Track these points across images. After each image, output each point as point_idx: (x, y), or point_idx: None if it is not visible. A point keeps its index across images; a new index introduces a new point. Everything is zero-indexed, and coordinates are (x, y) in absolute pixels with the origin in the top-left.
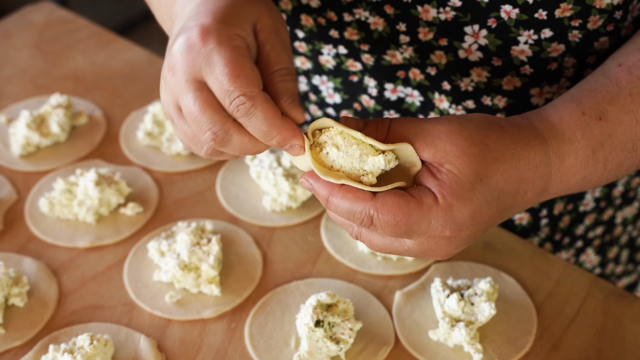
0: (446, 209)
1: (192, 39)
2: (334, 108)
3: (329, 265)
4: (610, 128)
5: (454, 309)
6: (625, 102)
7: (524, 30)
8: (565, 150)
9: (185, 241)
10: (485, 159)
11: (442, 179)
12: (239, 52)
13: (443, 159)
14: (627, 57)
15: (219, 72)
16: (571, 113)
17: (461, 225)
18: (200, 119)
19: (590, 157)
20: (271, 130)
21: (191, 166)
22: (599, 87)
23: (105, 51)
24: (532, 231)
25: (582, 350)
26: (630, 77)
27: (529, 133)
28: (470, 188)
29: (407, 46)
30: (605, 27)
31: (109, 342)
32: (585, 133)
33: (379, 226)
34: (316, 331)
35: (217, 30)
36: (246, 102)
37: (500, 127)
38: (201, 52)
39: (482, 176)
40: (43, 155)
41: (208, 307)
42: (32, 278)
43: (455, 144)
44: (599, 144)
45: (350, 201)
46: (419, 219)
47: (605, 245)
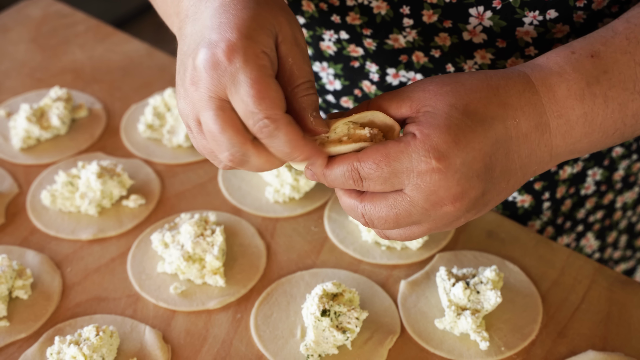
0: (423, 138)
1: (217, 55)
2: (334, 95)
3: (333, 255)
4: (605, 65)
5: (460, 297)
6: (621, 44)
7: (529, 11)
8: (553, 81)
9: (189, 232)
10: (458, 92)
11: (419, 119)
12: (265, 72)
13: (419, 104)
14: (627, 12)
15: (244, 92)
16: (558, 52)
17: (445, 152)
18: (220, 138)
19: (586, 90)
20: (294, 152)
21: (193, 158)
22: (592, 34)
23: (103, 45)
24: (534, 214)
25: (588, 337)
26: (628, 24)
27: (506, 71)
28: (445, 116)
29: (410, 29)
30: (610, 7)
31: (114, 333)
32: (576, 67)
33: (366, 177)
34: (323, 320)
35: (243, 48)
36: (270, 125)
37: (473, 71)
38: (227, 70)
39: (456, 105)
40: (44, 149)
41: (213, 298)
42: (36, 271)
43: (426, 89)
44: (593, 78)
45: (338, 164)
46: (397, 155)
47: (604, 229)
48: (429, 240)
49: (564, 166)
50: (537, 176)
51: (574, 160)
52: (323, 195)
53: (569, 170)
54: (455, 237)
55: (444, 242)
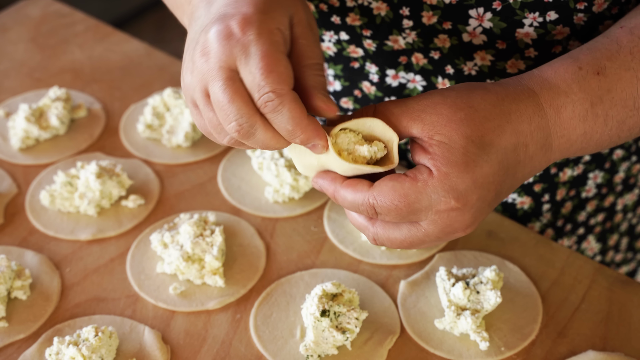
0: (442, 178)
1: (232, 27)
2: (334, 95)
3: (333, 255)
4: (609, 83)
5: (460, 297)
6: (625, 59)
7: (529, 12)
8: (560, 103)
9: (188, 232)
10: (473, 121)
11: (433, 151)
12: (276, 47)
13: (432, 131)
14: (629, 20)
15: (253, 64)
16: (567, 68)
17: (465, 191)
18: (228, 108)
19: (589, 111)
20: (296, 129)
21: (192, 158)
22: (598, 46)
23: (102, 44)
24: (533, 216)
25: (588, 337)
26: (632, 37)
27: (516, 88)
28: (463, 152)
29: (410, 31)
30: (610, 10)
31: (113, 334)
32: (582, 86)
33: (382, 213)
34: (322, 321)
35: (258, 22)
36: (275, 99)
37: (483, 89)
38: (239, 41)
39: (472, 138)
40: (42, 149)
41: (212, 299)
42: (34, 271)
43: (440, 113)
44: (597, 98)
45: (351, 193)
46: (416, 196)
47: (605, 232)
48: None
49: (564, 168)
50: (536, 178)
51: (574, 162)
52: (322, 195)
53: (569, 173)
54: None
55: (444, 242)
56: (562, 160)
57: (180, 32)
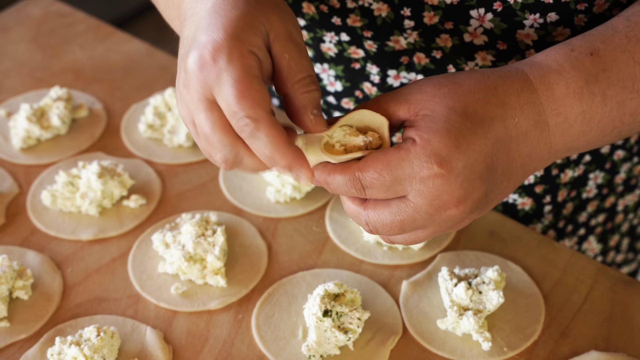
0: (424, 144)
1: (204, 56)
2: (335, 96)
3: (335, 255)
4: (604, 63)
5: (462, 297)
6: (620, 42)
7: (530, 13)
8: (552, 79)
9: (190, 232)
10: (456, 93)
11: (417, 124)
12: (248, 71)
13: (417, 107)
14: (627, 10)
15: (226, 92)
16: (558, 50)
17: (447, 156)
18: (211, 139)
19: (585, 89)
20: (274, 155)
21: (193, 158)
22: (592, 32)
23: (103, 44)
24: (535, 217)
25: (591, 337)
26: (628, 23)
27: (504, 69)
28: (444, 120)
29: (411, 31)
30: (611, 11)
31: (115, 334)
32: (575, 65)
33: (369, 186)
34: (324, 321)
35: (228, 48)
36: (250, 124)
37: (470, 70)
38: (212, 71)
39: (455, 108)
40: (44, 148)
41: (214, 299)
42: (36, 271)
43: (424, 91)
44: (592, 76)
45: (340, 173)
46: (399, 162)
47: (606, 233)
48: (431, 241)
49: (565, 169)
50: (537, 179)
51: (575, 163)
52: (324, 195)
53: (570, 174)
54: (457, 237)
55: (446, 242)
56: (563, 161)
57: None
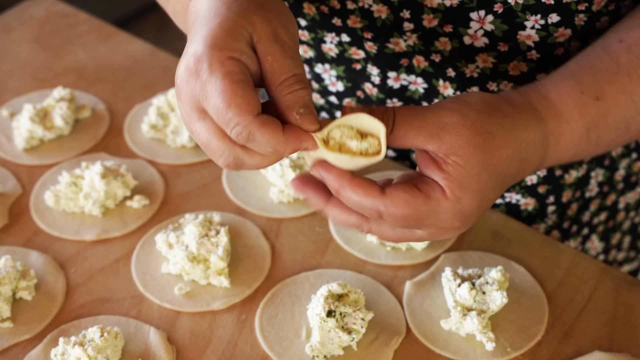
0: (454, 202)
1: (189, 68)
2: (337, 96)
3: (338, 256)
4: (607, 108)
5: (466, 297)
6: (622, 82)
7: (531, 15)
8: (561, 130)
9: (193, 233)
10: (490, 147)
11: (448, 170)
12: (230, 78)
13: (449, 150)
14: (628, 33)
15: (212, 103)
16: (570, 92)
17: (469, 215)
18: (209, 148)
19: (584, 137)
20: (277, 149)
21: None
22: (598, 65)
23: (106, 45)
24: (538, 217)
25: (594, 338)
26: (630, 56)
27: (528, 114)
28: (476, 179)
29: (411, 33)
30: (607, 6)
31: (119, 334)
32: (582, 113)
33: (388, 220)
34: (328, 321)
35: (208, 58)
36: (242, 131)
37: (500, 112)
38: (197, 83)
39: (487, 165)
40: (47, 149)
41: (217, 299)
42: (39, 271)
43: (459, 135)
44: (593, 124)
45: (360, 196)
46: (427, 213)
47: (608, 231)
48: (434, 241)
49: (569, 170)
50: (540, 179)
51: (578, 164)
52: None
53: (574, 174)
54: (461, 238)
55: (449, 242)
56: (567, 164)
57: (181, 32)
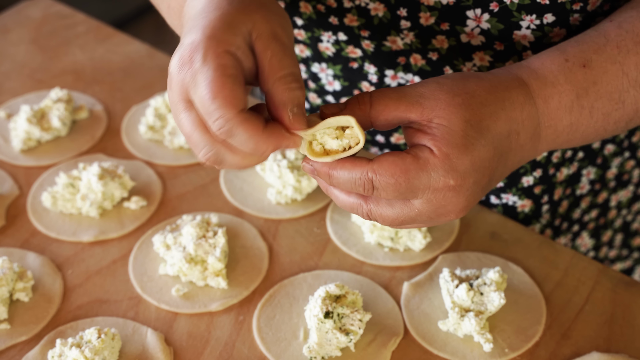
0: (443, 158)
1: (183, 57)
2: (334, 95)
3: (336, 257)
4: (595, 76)
5: (464, 298)
6: (611, 53)
7: (526, 14)
8: (548, 93)
9: (191, 234)
10: (470, 105)
11: (433, 132)
12: (222, 71)
13: (431, 114)
14: (619, 14)
15: (199, 92)
16: (553, 59)
17: (463, 172)
18: (191, 139)
19: (575, 102)
20: (258, 146)
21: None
22: (586, 39)
23: (104, 45)
24: (534, 218)
25: (592, 339)
26: (619, 31)
27: (508, 77)
28: (462, 134)
29: (407, 31)
30: (603, 7)
31: (116, 336)
32: (568, 78)
33: (380, 188)
34: (326, 322)
35: (204, 48)
36: (224, 124)
37: (477, 77)
38: (189, 71)
39: (471, 121)
40: (44, 150)
41: (215, 300)
42: (37, 273)
43: (438, 98)
44: (582, 90)
45: (349, 169)
46: (417, 173)
47: (599, 228)
48: (432, 242)
49: (560, 168)
50: (537, 180)
51: (569, 161)
52: (325, 196)
53: (565, 172)
54: (458, 239)
55: (447, 243)
56: (558, 160)
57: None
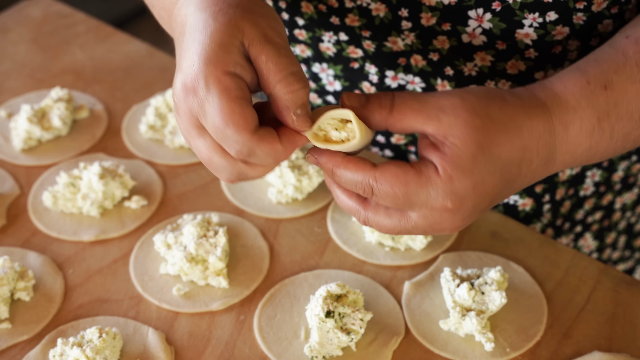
0: (446, 180)
1: (186, 85)
2: (334, 95)
3: (337, 256)
4: (616, 97)
5: (465, 298)
6: (631, 72)
7: (529, 13)
8: (569, 119)
9: (191, 233)
10: (488, 130)
11: (444, 151)
12: (228, 95)
13: (447, 131)
14: (634, 29)
15: (211, 122)
16: (575, 82)
17: (463, 197)
18: (211, 164)
19: (596, 126)
20: (278, 158)
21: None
22: (605, 58)
23: (104, 45)
24: (535, 217)
25: (593, 338)
26: (637, 48)
27: (531, 102)
28: (471, 159)
29: (409, 32)
30: (610, 9)
31: (117, 335)
32: (590, 102)
33: (379, 196)
34: (327, 322)
35: (203, 76)
36: (242, 148)
37: (501, 98)
38: (195, 100)
39: (484, 147)
40: (45, 149)
41: (216, 300)
42: (37, 272)
43: (458, 116)
44: (604, 113)
45: (352, 170)
46: (417, 189)
47: (603, 230)
48: (433, 241)
49: None
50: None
51: None
52: (326, 196)
53: (568, 172)
54: (459, 238)
55: (448, 242)
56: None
57: None
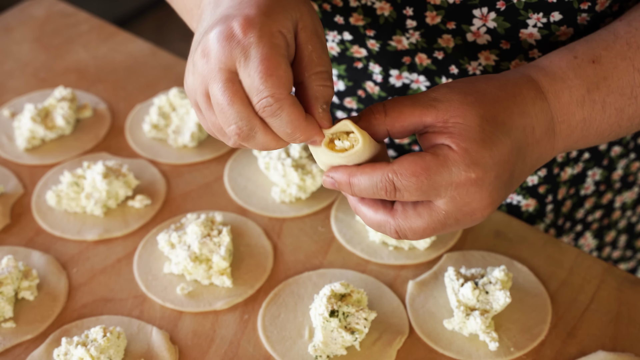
0: (463, 153)
1: (233, 28)
2: (338, 96)
3: (340, 255)
4: (605, 71)
5: (469, 297)
6: (621, 49)
7: (533, 13)
8: (557, 88)
9: (195, 233)
10: (483, 102)
11: (450, 131)
12: (277, 50)
13: (445, 115)
14: (628, 13)
15: (252, 67)
16: (562, 57)
17: (484, 166)
18: (227, 110)
19: (586, 97)
20: (295, 132)
21: (198, 158)
22: (594, 37)
23: (107, 44)
24: (538, 217)
25: (598, 337)
26: (629, 28)
27: (516, 76)
28: (479, 129)
29: (413, 31)
30: (612, 7)
31: (121, 334)
32: (578, 73)
33: (402, 189)
34: (331, 321)
35: (260, 24)
36: (273, 103)
37: (485, 77)
38: (240, 43)
39: (486, 117)
40: (48, 149)
41: (220, 299)
42: (41, 271)
43: (451, 99)
44: (593, 85)
45: (369, 173)
46: (438, 169)
47: (603, 228)
48: (437, 241)
49: (565, 168)
50: (541, 179)
51: (574, 161)
52: (329, 195)
53: (569, 172)
54: (463, 237)
55: (452, 242)
56: (563, 159)
57: (180, 32)
